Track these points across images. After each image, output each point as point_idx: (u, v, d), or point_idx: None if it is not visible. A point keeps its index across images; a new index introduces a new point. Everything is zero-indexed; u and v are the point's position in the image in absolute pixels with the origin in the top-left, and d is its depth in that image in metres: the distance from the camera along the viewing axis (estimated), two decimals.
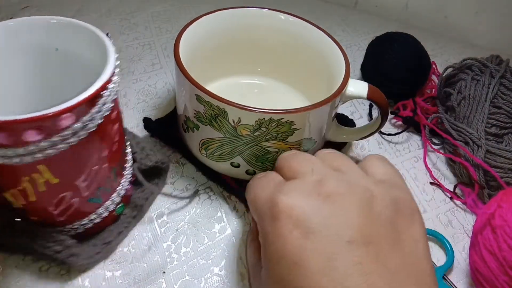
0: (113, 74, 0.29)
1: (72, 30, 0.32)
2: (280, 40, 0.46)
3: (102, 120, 0.28)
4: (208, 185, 0.43)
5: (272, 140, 0.36)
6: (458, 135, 0.47)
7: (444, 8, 0.67)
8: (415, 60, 0.51)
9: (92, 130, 0.28)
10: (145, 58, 0.57)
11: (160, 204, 0.41)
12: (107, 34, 0.31)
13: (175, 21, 0.64)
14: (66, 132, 0.26)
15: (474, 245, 0.37)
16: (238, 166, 0.39)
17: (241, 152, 0.37)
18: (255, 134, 0.35)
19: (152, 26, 0.63)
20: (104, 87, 0.27)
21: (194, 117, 0.37)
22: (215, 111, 0.35)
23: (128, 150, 0.38)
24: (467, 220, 0.44)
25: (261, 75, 0.50)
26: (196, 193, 0.42)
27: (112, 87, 0.29)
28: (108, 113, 0.29)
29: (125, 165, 0.36)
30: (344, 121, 0.49)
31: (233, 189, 0.41)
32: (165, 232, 0.39)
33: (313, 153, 0.37)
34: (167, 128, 0.46)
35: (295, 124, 0.35)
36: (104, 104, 0.28)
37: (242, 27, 0.46)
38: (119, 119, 0.32)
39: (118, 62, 0.30)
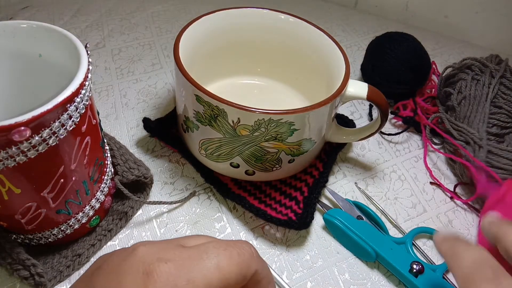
0: (81, 87, 0.27)
1: (51, 36, 0.31)
2: (280, 40, 0.46)
3: (66, 134, 0.27)
4: (207, 185, 0.43)
5: (271, 141, 0.36)
6: (459, 135, 0.47)
7: (444, 8, 0.67)
8: (415, 60, 0.51)
9: (53, 144, 0.27)
10: (145, 58, 0.57)
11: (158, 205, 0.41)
12: (86, 46, 0.30)
13: (175, 21, 0.64)
14: (23, 145, 0.25)
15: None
16: (237, 166, 0.39)
17: (241, 152, 0.37)
18: (254, 134, 0.35)
19: (152, 26, 0.63)
20: (67, 100, 0.26)
21: (194, 117, 0.37)
22: (214, 111, 0.35)
23: (108, 162, 0.37)
24: (467, 220, 0.44)
25: (261, 76, 0.50)
26: (190, 196, 0.42)
27: (78, 101, 0.27)
28: (74, 127, 0.28)
29: (102, 177, 0.35)
30: (344, 121, 0.49)
31: (229, 193, 0.41)
32: (165, 234, 0.39)
33: (313, 153, 0.36)
34: (167, 128, 0.45)
35: (294, 124, 0.35)
36: (70, 117, 0.27)
37: (242, 27, 0.46)
38: (92, 132, 0.31)
39: (90, 74, 0.29)
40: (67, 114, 0.27)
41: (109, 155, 0.38)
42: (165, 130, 0.45)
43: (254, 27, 0.46)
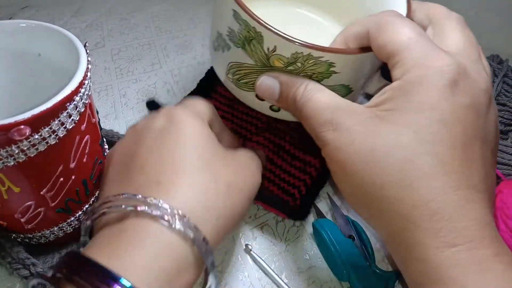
0: (80, 85, 0.27)
1: (50, 35, 0.31)
2: None
3: (66, 132, 0.27)
4: None
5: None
6: None
7: None
8: None
9: (53, 142, 0.27)
10: (145, 58, 0.57)
11: None
12: (85, 45, 0.30)
13: (175, 21, 0.64)
14: (23, 144, 0.25)
15: None
16: (263, 99, 0.34)
17: None
18: (288, 68, 0.31)
19: (152, 26, 0.63)
20: (67, 99, 0.26)
21: (227, 35, 0.33)
22: (250, 33, 0.30)
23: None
24: None
25: (313, 6, 0.44)
26: None
27: (77, 100, 0.27)
28: (73, 125, 0.28)
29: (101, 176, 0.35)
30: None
31: None
32: None
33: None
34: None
35: (334, 66, 0.30)
36: (69, 116, 0.27)
37: None
38: (91, 131, 0.31)
39: (89, 73, 0.29)
40: (67, 112, 0.27)
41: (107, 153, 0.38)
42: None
43: None
